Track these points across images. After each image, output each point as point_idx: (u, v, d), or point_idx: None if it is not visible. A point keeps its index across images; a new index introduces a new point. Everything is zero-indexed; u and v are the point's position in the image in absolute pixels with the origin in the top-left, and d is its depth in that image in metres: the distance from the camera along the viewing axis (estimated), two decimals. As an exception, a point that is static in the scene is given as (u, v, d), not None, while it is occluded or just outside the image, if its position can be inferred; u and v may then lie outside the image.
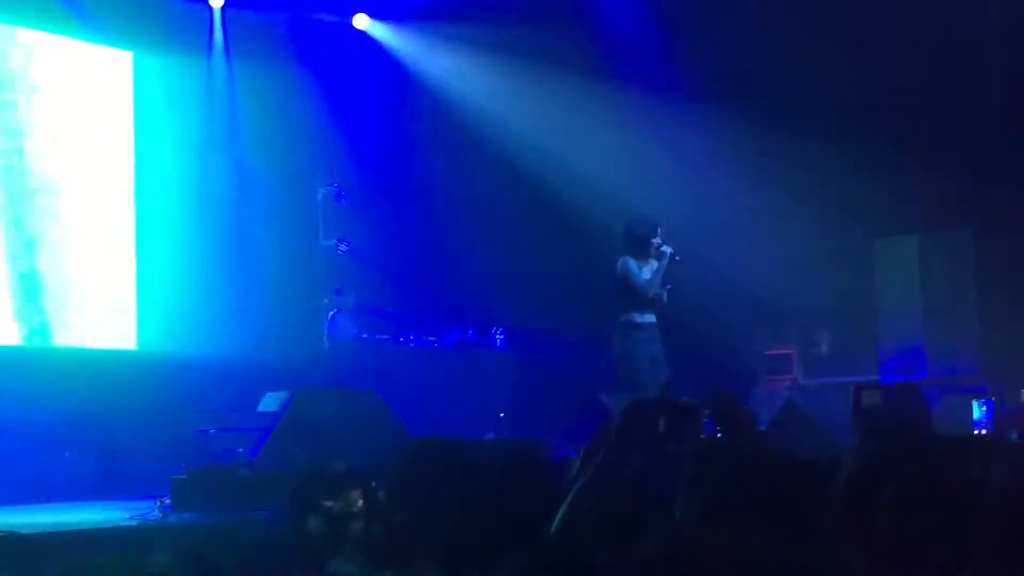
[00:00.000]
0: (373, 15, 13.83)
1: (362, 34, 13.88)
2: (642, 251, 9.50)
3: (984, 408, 7.91)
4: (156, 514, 7.38)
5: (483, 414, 11.38)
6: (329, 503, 5.38)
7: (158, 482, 8.62)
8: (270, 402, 9.69)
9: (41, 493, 9.23)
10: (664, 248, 9.44)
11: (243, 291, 12.65)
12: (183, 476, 7.72)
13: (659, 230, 9.53)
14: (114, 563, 3.27)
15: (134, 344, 12.39)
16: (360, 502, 4.22)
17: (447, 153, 13.56)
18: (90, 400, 10.84)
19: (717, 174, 12.09)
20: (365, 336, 12.03)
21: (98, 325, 12.21)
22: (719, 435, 5.53)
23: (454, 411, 10.88)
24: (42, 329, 11.67)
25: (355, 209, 12.56)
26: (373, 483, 4.42)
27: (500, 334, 12.59)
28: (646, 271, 9.49)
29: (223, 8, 13.13)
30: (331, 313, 12.07)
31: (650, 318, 9.56)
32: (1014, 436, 7.36)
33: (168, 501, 7.55)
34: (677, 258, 9.47)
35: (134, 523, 7.17)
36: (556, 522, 3.53)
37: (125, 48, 12.66)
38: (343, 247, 12.08)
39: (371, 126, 13.54)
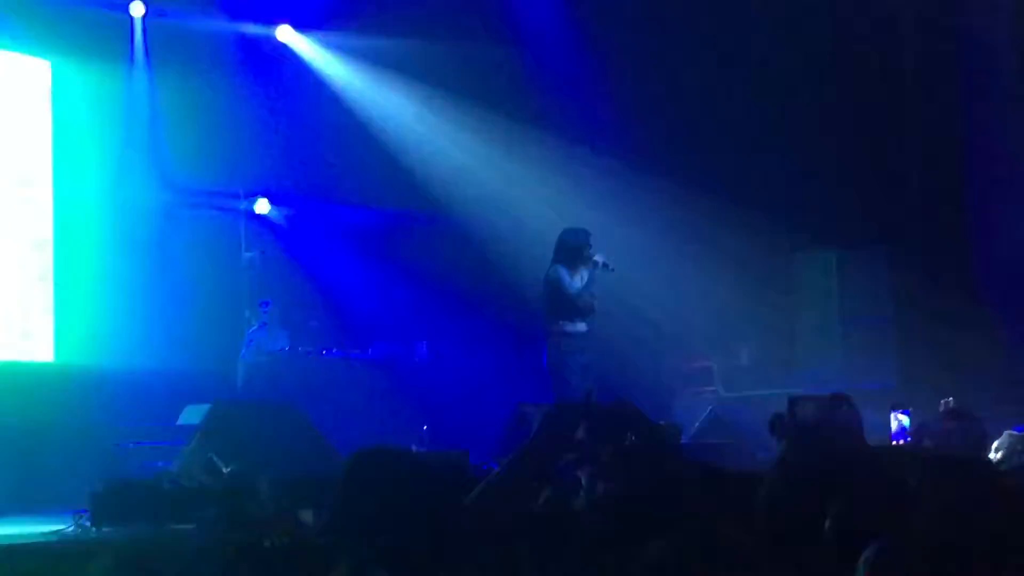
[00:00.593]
0: (297, 27, 13.77)
1: (283, 45, 13.82)
2: (574, 261, 9.47)
3: (902, 420, 8.04)
4: (75, 529, 7.25)
5: (407, 426, 11.34)
6: (260, 514, 5.36)
7: (76, 497, 8.49)
8: (190, 415, 9.58)
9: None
10: (596, 257, 9.42)
11: (164, 303, 12.51)
12: (102, 490, 7.57)
13: (590, 239, 9.52)
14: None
15: (51, 357, 12.19)
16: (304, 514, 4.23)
17: (366, 167, 13.51)
18: (4, 414, 10.65)
19: (639, 187, 12.19)
20: (287, 348, 11.96)
21: (14, 337, 12.00)
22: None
23: (378, 423, 10.83)
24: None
25: (278, 220, 12.52)
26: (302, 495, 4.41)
27: (423, 346, 12.59)
28: (577, 280, 9.45)
29: (144, 17, 13.00)
30: (254, 326, 11.99)
31: (582, 327, 9.53)
32: (929, 445, 7.53)
33: (86, 516, 7.41)
34: (610, 268, 9.45)
35: (53, 538, 7.04)
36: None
37: (44, 57, 12.48)
38: (253, 256, 12.07)
39: (293, 136, 13.46)
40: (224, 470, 7.54)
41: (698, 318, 12.12)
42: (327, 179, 13.61)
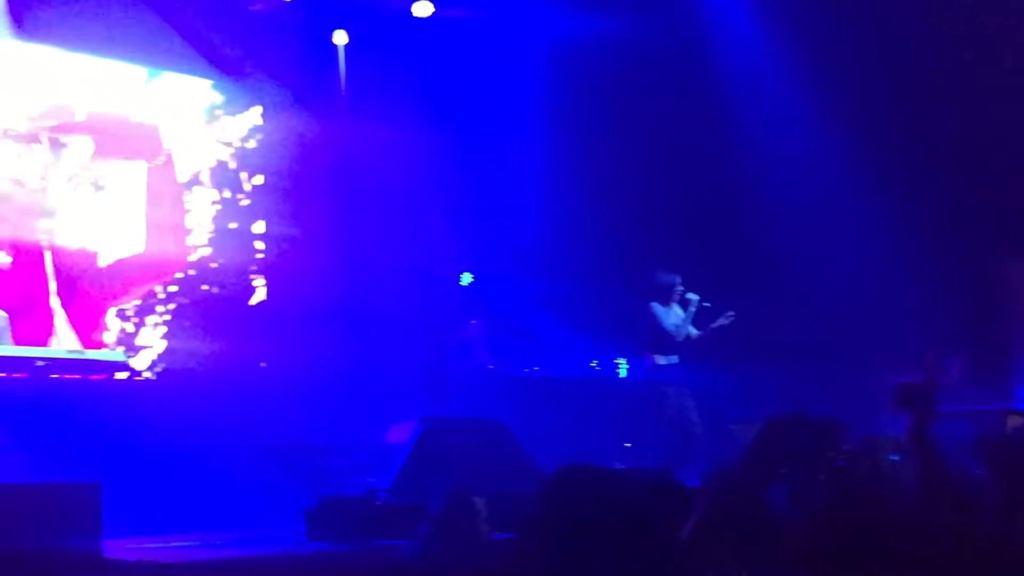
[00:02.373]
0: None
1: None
2: (666, 298, 10.51)
3: None
4: (292, 544, 7.47)
5: (608, 444, 11.31)
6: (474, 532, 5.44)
7: (291, 512, 8.75)
8: (399, 433, 9.75)
9: (178, 526, 9.40)
10: (689, 295, 10.49)
11: (371, 320, 12.82)
12: (316, 506, 7.79)
13: (679, 279, 10.56)
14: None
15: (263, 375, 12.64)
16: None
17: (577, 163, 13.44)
18: (221, 432, 11.09)
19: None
20: (492, 367, 12.10)
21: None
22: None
23: (579, 442, 10.82)
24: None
25: (480, 240, 12.70)
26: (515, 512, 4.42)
27: (625, 364, 12.55)
28: (672, 316, 10.50)
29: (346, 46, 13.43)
30: (463, 342, 12.19)
31: (673, 360, 10.55)
32: None
33: (302, 531, 7.62)
34: (705, 304, 10.48)
35: (271, 552, 7.27)
36: (684, 536, 3.53)
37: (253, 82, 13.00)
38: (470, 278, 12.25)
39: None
40: (435, 488, 7.65)
41: (906, 330, 11.77)
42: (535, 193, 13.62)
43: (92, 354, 9.80)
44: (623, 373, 12.72)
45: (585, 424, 11.66)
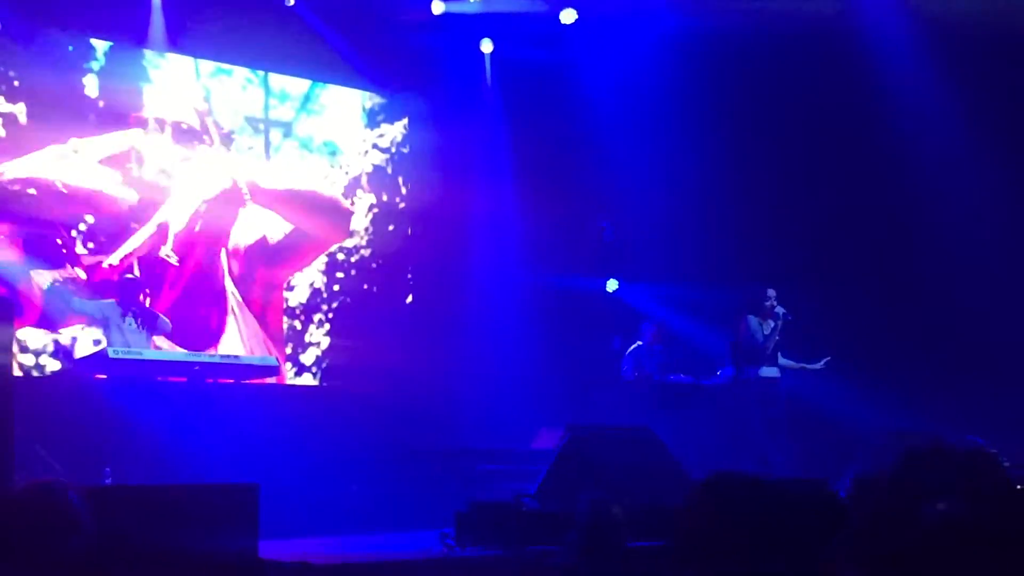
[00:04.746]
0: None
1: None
2: (759, 311, 10.75)
3: None
4: (441, 548, 7.52)
5: (751, 453, 11.15)
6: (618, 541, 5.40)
7: (440, 517, 8.82)
8: (546, 439, 9.75)
9: (330, 527, 9.56)
10: (777, 309, 10.67)
11: (516, 324, 12.94)
12: (466, 510, 7.83)
13: (773, 292, 10.75)
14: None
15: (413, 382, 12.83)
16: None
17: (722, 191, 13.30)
18: (374, 436, 11.27)
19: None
20: (641, 374, 12.06)
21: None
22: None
23: (723, 449, 10.71)
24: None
25: (626, 244, 12.68)
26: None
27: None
28: (766, 329, 10.72)
29: (492, 53, 13.58)
30: (631, 348, 12.20)
31: (772, 372, 10.80)
32: None
33: (451, 535, 7.68)
34: (789, 318, 10.71)
35: (420, 557, 7.34)
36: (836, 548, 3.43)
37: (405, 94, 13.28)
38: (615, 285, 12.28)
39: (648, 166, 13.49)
40: (581, 495, 7.64)
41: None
42: (676, 206, 13.51)
43: (247, 359, 10.04)
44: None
45: (732, 431, 11.52)
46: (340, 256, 12.81)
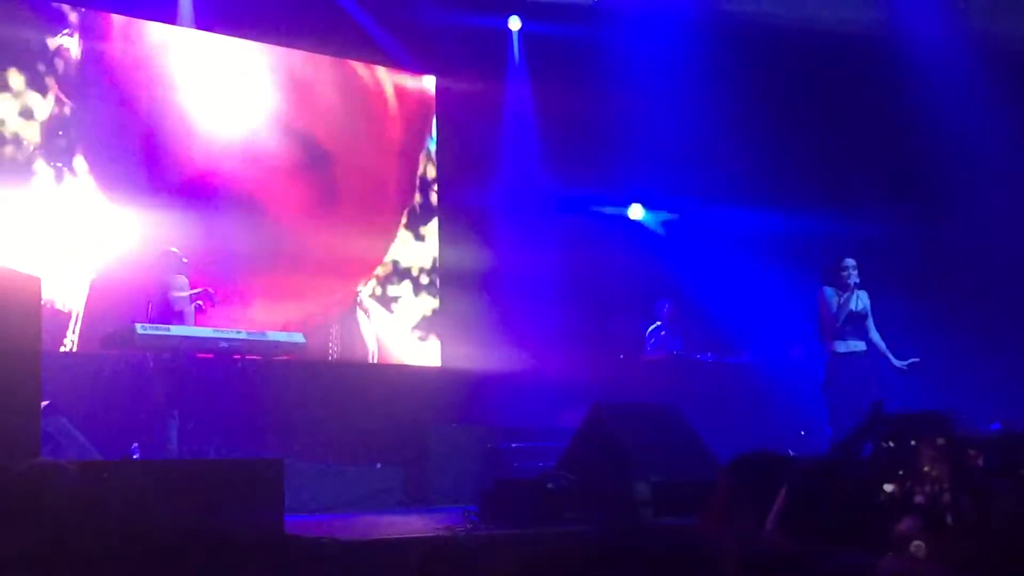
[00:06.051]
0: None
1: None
2: (835, 282, 10.17)
3: None
4: (465, 525, 7.54)
5: (781, 431, 11.13)
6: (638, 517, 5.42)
7: (464, 495, 8.86)
8: (573, 417, 9.76)
9: (352, 502, 9.61)
10: (850, 280, 10.08)
11: (536, 307, 12.95)
12: (491, 488, 7.85)
13: (847, 261, 10.15)
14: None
15: (439, 362, 12.86)
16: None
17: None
18: (398, 415, 11.32)
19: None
20: (675, 352, 12.07)
21: (410, 344, 12.78)
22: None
23: (755, 428, 10.68)
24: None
25: (652, 226, 12.65)
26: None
27: (798, 350, 12.33)
28: (842, 300, 10.12)
29: (520, 31, 13.53)
30: (654, 327, 12.20)
31: (853, 346, 10.15)
32: None
33: (474, 512, 7.70)
34: (862, 291, 10.15)
35: (444, 534, 7.35)
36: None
37: (429, 73, 13.23)
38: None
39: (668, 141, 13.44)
40: (604, 472, 7.65)
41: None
42: (707, 183, 13.48)
43: (274, 335, 10.07)
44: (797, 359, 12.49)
45: (761, 411, 11.51)
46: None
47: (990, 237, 11.71)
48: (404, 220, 12.97)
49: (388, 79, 13.01)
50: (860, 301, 10.21)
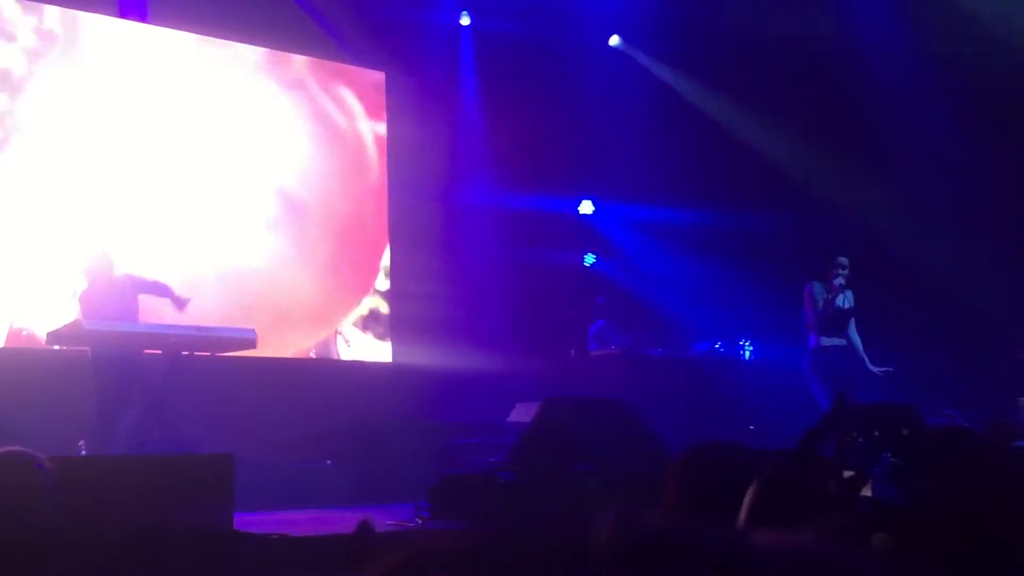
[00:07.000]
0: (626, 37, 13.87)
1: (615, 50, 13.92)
2: (824, 277, 10.27)
3: None
4: (416, 520, 7.53)
5: (732, 426, 11.19)
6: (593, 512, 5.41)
7: (415, 490, 8.82)
8: (521, 413, 9.75)
9: (303, 498, 9.56)
10: (838, 279, 10.18)
11: (493, 304, 12.91)
12: (440, 483, 7.83)
13: (837, 258, 10.21)
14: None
15: (390, 358, 12.82)
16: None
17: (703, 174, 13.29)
18: (351, 410, 11.27)
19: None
20: (618, 348, 12.09)
21: (362, 340, 12.73)
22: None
23: (704, 423, 10.73)
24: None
25: (608, 224, 12.66)
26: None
27: (749, 346, 12.41)
28: (827, 295, 10.22)
29: (470, 27, 13.52)
30: (596, 324, 12.21)
31: (837, 342, 10.30)
32: None
33: (426, 508, 7.68)
34: (840, 283, 10.23)
35: (395, 529, 7.33)
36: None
37: (379, 69, 13.16)
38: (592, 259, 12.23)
39: (619, 139, 13.48)
40: (555, 467, 7.65)
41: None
42: (653, 181, 13.53)
43: (223, 330, 9.97)
44: (747, 355, 12.57)
45: (710, 406, 11.56)
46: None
47: (938, 238, 11.86)
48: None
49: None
50: (847, 300, 10.34)
